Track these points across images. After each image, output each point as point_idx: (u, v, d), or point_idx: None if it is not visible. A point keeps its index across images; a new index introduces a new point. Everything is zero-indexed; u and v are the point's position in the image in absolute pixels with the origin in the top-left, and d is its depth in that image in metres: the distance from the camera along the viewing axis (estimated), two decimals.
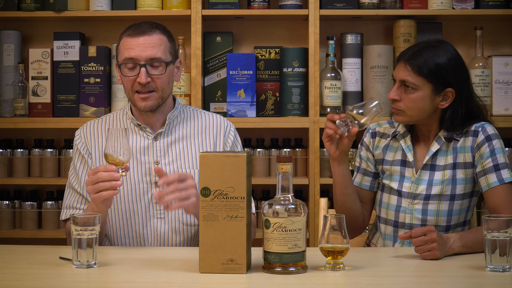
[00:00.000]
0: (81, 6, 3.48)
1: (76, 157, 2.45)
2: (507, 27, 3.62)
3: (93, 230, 1.95)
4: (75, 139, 2.47)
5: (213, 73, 3.50)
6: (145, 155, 2.40)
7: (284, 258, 1.87)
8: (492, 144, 2.33)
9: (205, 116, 2.52)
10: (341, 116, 2.26)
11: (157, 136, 2.42)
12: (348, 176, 2.39)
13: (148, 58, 2.33)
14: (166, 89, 2.39)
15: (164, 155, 2.41)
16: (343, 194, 2.41)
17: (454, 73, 2.32)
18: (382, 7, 3.46)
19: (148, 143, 2.41)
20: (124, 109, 2.49)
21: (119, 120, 2.47)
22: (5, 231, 3.49)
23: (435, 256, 2.08)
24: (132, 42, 2.34)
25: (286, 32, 3.65)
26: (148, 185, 2.38)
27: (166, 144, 2.42)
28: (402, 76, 2.33)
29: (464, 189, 2.36)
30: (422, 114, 2.34)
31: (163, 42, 2.37)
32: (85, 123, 2.50)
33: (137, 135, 2.43)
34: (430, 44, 2.35)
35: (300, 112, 3.44)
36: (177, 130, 2.45)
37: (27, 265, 2.02)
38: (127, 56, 2.34)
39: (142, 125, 2.42)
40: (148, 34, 2.35)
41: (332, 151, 2.33)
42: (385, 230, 2.43)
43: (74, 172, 2.44)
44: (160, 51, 2.35)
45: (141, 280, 1.87)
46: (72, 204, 2.40)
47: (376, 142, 2.48)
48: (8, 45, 3.52)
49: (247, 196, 1.90)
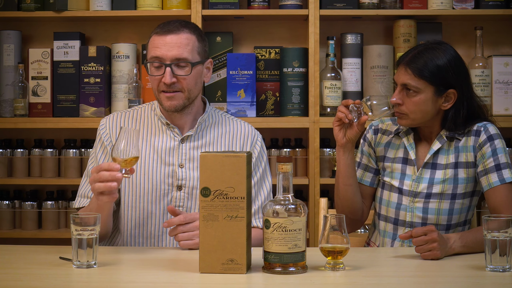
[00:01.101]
0: (81, 6, 3.48)
1: (99, 146, 2.41)
2: (507, 27, 3.62)
3: (93, 230, 1.95)
4: (99, 128, 2.42)
5: (213, 73, 3.49)
6: (170, 156, 2.37)
7: (284, 258, 1.87)
8: (494, 144, 2.33)
9: (233, 123, 2.48)
10: (356, 102, 2.31)
11: (185, 139, 2.39)
12: (352, 166, 2.40)
13: (173, 58, 2.30)
14: (193, 90, 2.35)
15: (189, 160, 2.38)
16: (346, 184, 2.41)
17: (455, 74, 2.32)
18: (382, 7, 3.46)
19: (174, 144, 2.38)
20: (153, 104, 2.45)
21: (147, 116, 2.43)
22: (5, 231, 3.50)
23: (436, 256, 2.08)
24: (159, 40, 2.31)
25: (286, 32, 3.65)
26: (169, 187, 2.36)
27: (192, 148, 2.39)
28: (403, 80, 2.32)
29: (466, 188, 2.36)
30: (425, 117, 2.34)
31: (190, 42, 2.33)
32: (112, 114, 2.46)
33: (164, 134, 2.39)
34: (429, 46, 2.35)
35: (300, 112, 3.44)
36: (205, 134, 2.42)
37: (27, 265, 2.01)
38: (153, 55, 2.31)
39: (170, 125, 2.38)
40: (175, 33, 2.31)
41: (340, 137, 2.35)
42: (385, 227, 2.43)
43: (94, 161, 2.40)
44: (187, 51, 2.31)
45: (141, 280, 1.87)
46: (87, 193, 2.36)
47: (378, 139, 2.49)
48: (8, 45, 3.52)
49: (247, 196, 1.90)
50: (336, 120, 2.34)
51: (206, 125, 2.43)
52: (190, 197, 2.36)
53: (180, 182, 2.35)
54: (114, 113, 2.46)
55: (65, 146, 3.56)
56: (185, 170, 2.36)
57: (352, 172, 2.41)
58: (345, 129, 2.35)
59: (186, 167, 2.37)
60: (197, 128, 2.40)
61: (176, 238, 2.18)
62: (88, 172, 2.39)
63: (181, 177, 2.36)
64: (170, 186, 2.36)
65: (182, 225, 2.16)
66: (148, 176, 2.35)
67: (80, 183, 2.42)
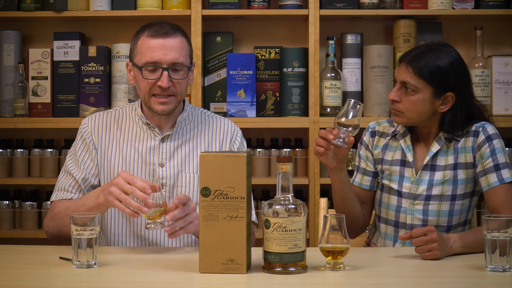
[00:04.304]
0: (81, 6, 3.48)
1: (80, 143, 2.42)
2: (507, 27, 3.62)
3: (93, 230, 1.95)
4: (81, 127, 2.43)
5: (213, 73, 3.49)
6: (151, 155, 2.38)
7: (284, 258, 1.87)
8: (492, 144, 2.33)
9: (212, 119, 2.49)
10: (334, 133, 2.20)
11: (165, 138, 2.40)
12: (347, 182, 2.38)
13: (171, 62, 2.29)
14: (183, 93, 2.37)
15: (170, 158, 2.39)
16: (343, 199, 2.40)
17: (455, 77, 2.31)
18: (382, 7, 3.46)
19: (155, 144, 2.39)
20: (133, 104, 2.45)
21: (128, 116, 2.44)
22: (5, 231, 3.50)
23: (436, 256, 2.08)
24: (155, 43, 2.29)
25: (286, 32, 3.65)
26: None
27: (172, 147, 2.40)
28: (403, 78, 2.32)
29: (465, 189, 2.36)
30: (421, 117, 2.34)
31: (184, 46, 2.33)
32: (93, 114, 2.46)
33: (145, 134, 2.40)
34: (433, 47, 2.34)
35: (300, 112, 3.44)
36: (184, 132, 2.42)
37: (27, 265, 2.01)
38: (150, 59, 2.28)
39: (151, 125, 2.39)
40: (171, 36, 2.30)
41: (329, 162, 2.30)
42: (386, 230, 2.43)
43: (73, 158, 2.41)
44: (182, 55, 2.31)
45: (141, 280, 1.87)
46: (64, 187, 2.37)
47: (375, 141, 2.48)
48: (8, 45, 3.52)
49: (247, 196, 1.90)
50: (316, 153, 2.26)
51: (185, 123, 2.44)
52: (171, 196, 2.37)
53: (161, 181, 2.36)
54: (97, 113, 2.46)
55: (65, 146, 3.56)
56: (166, 169, 2.37)
57: (348, 187, 2.39)
58: (333, 153, 2.28)
59: (166, 166, 2.38)
60: (176, 127, 2.41)
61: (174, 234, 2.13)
62: (67, 168, 2.39)
63: (161, 176, 2.37)
64: None
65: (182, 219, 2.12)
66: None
67: (58, 178, 2.42)
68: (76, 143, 2.43)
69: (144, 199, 2.05)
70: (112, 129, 2.42)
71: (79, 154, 2.40)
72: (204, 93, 3.49)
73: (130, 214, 2.08)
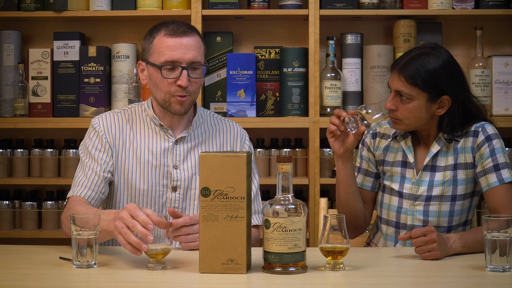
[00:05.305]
0: (81, 6, 3.48)
1: (95, 140, 2.35)
2: (507, 27, 3.62)
3: (93, 230, 1.95)
4: (93, 126, 2.38)
5: (213, 73, 3.50)
6: (165, 157, 2.36)
7: (284, 258, 1.87)
8: (492, 144, 2.32)
9: (223, 122, 2.48)
10: (350, 112, 2.25)
11: (178, 140, 2.37)
12: (352, 174, 2.39)
13: (190, 61, 2.28)
14: (198, 92, 2.35)
15: (183, 160, 2.37)
16: (346, 192, 2.40)
17: (448, 79, 2.31)
18: (382, 7, 3.46)
19: (168, 146, 2.36)
20: (142, 105, 2.42)
21: (139, 117, 2.40)
22: (5, 231, 3.50)
23: (436, 257, 2.08)
24: (173, 42, 2.27)
25: (286, 32, 3.65)
26: (164, 188, 2.35)
27: (186, 148, 2.38)
28: (397, 87, 2.32)
29: (465, 190, 2.36)
30: (419, 122, 2.34)
31: (201, 45, 2.32)
32: (102, 114, 2.41)
33: (158, 135, 2.37)
34: (423, 51, 2.32)
35: (300, 112, 3.44)
36: (197, 135, 2.40)
37: (27, 265, 2.02)
38: (169, 57, 2.26)
39: (164, 126, 2.37)
40: (189, 35, 2.29)
41: (337, 147, 2.32)
42: (387, 231, 2.43)
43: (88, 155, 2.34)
44: (200, 54, 2.31)
45: (141, 280, 1.87)
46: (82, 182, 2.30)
47: (377, 143, 2.48)
48: (8, 45, 3.52)
49: (247, 196, 1.90)
50: (329, 133, 2.30)
51: (197, 125, 2.42)
52: (185, 198, 2.36)
53: (175, 183, 2.35)
54: (106, 113, 2.42)
55: (65, 146, 3.57)
56: (180, 171, 2.36)
57: (352, 180, 2.40)
58: (342, 138, 2.31)
59: (180, 168, 2.36)
60: (191, 129, 2.39)
61: (179, 239, 2.14)
62: (82, 165, 2.34)
63: (176, 178, 2.35)
64: (165, 188, 2.35)
65: (187, 227, 2.13)
66: (143, 178, 2.35)
67: (74, 176, 2.34)
68: (89, 141, 2.37)
69: (144, 235, 1.88)
70: (124, 130, 2.38)
71: (95, 151, 2.34)
72: (204, 93, 3.49)
73: (130, 251, 1.91)
